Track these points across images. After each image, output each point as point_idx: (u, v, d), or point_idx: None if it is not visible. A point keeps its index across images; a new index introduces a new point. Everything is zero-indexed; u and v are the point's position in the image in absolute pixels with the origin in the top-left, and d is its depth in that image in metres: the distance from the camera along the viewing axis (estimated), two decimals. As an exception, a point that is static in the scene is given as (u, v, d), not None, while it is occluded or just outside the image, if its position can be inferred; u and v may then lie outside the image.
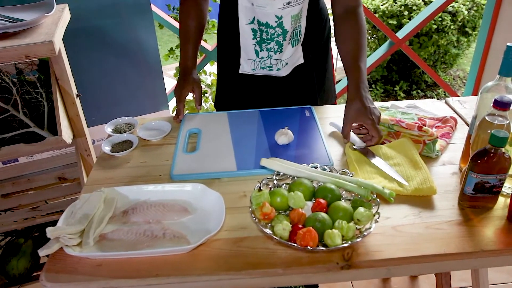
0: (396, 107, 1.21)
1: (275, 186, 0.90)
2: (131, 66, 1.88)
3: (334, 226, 0.76)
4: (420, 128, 1.03)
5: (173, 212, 0.86)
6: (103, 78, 1.85)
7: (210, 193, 0.88)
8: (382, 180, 0.93)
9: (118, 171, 1.02)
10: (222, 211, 0.83)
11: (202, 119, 1.23)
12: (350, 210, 0.80)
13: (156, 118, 1.23)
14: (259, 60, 1.19)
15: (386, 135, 1.09)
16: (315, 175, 0.89)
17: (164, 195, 0.90)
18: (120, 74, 1.87)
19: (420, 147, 1.03)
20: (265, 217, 0.79)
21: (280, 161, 0.92)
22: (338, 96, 2.67)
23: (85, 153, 1.53)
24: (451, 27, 3.33)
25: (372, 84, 3.87)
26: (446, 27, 3.32)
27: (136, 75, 1.91)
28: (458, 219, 0.83)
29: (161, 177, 0.99)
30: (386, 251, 0.76)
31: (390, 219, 0.84)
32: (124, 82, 1.90)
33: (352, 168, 0.98)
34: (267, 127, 1.15)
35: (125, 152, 1.07)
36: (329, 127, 1.17)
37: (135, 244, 0.78)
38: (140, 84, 1.94)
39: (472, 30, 3.43)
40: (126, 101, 1.95)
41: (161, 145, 1.13)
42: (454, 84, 3.89)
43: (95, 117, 1.87)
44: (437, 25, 3.31)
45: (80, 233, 0.79)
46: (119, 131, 1.17)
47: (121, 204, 0.89)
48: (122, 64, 1.86)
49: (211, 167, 1.00)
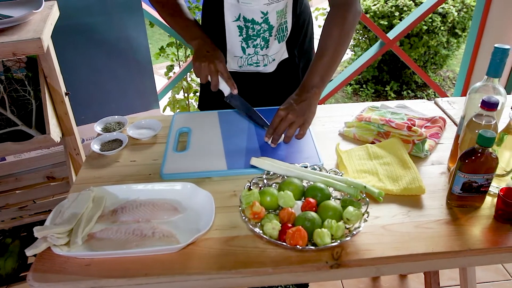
0: (386, 107, 1.22)
1: (265, 185, 0.90)
2: (121, 64, 1.87)
3: (323, 225, 0.77)
4: (410, 128, 1.04)
5: (163, 211, 0.85)
6: (92, 76, 1.83)
7: (200, 192, 0.88)
8: (372, 179, 0.94)
9: (107, 170, 1.02)
10: (212, 210, 0.83)
11: (192, 118, 1.22)
12: (340, 209, 0.80)
13: (147, 117, 1.23)
14: (246, 57, 1.20)
15: (376, 135, 1.10)
16: (305, 174, 0.89)
17: (153, 194, 0.90)
18: (110, 72, 1.86)
19: (410, 147, 1.04)
20: (255, 216, 0.79)
21: (270, 160, 0.93)
22: (327, 97, 2.68)
23: (74, 152, 1.52)
24: (441, 28, 3.37)
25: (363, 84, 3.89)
26: (436, 28, 3.35)
27: (126, 74, 1.90)
28: (446, 218, 0.84)
29: (150, 176, 0.98)
30: (375, 250, 0.76)
31: (379, 218, 0.84)
32: (114, 81, 1.89)
33: (342, 168, 0.98)
34: (258, 126, 1.15)
35: (114, 151, 1.07)
36: (319, 126, 1.18)
37: (124, 243, 0.78)
38: (130, 82, 1.93)
39: (462, 32, 3.47)
40: (116, 99, 1.93)
41: (151, 144, 1.12)
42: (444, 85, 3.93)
43: (84, 116, 1.86)
44: (428, 26, 3.34)
45: (68, 232, 0.79)
46: (109, 129, 1.17)
47: (110, 203, 0.88)
48: (112, 62, 1.84)
49: (201, 166, 0.99)
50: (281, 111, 1.01)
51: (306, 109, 1.02)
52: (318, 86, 1.05)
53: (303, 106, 1.02)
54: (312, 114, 1.04)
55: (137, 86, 1.95)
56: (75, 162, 1.53)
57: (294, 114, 1.00)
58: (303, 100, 1.02)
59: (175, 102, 2.65)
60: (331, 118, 1.23)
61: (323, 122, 1.21)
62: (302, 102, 1.02)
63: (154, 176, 0.99)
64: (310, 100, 1.03)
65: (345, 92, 3.96)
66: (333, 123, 1.20)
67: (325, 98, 2.69)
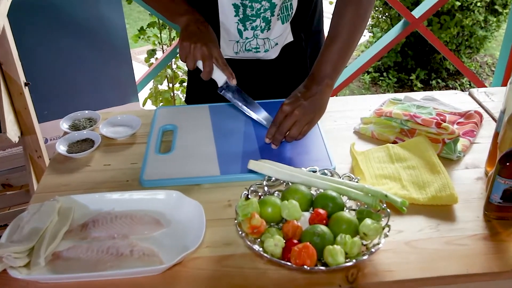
0: (411, 100, 1.22)
1: (266, 193, 0.90)
2: (92, 48, 1.87)
3: (335, 241, 0.77)
4: (439, 124, 1.04)
5: (143, 225, 0.85)
6: (57, 63, 1.83)
7: (188, 202, 0.88)
8: (394, 186, 0.94)
9: (76, 176, 1.02)
10: (202, 223, 0.83)
11: (178, 114, 1.22)
12: (355, 222, 0.80)
13: (123, 112, 1.23)
14: (243, 41, 1.20)
15: (399, 132, 1.11)
16: (314, 180, 0.89)
17: (132, 204, 0.90)
18: (79, 58, 1.86)
19: (439, 147, 1.04)
20: (254, 231, 0.79)
21: (272, 163, 0.93)
22: (340, 87, 2.69)
23: (35, 154, 1.52)
24: (478, 4, 3.38)
25: (384, 72, 3.90)
26: (472, 4, 3.37)
27: (99, 60, 1.90)
28: (483, 233, 0.84)
29: (128, 183, 0.99)
30: (398, 271, 0.77)
31: (402, 233, 0.84)
32: (84, 69, 1.89)
33: (358, 172, 0.99)
34: (257, 123, 1.15)
35: (84, 153, 1.07)
36: (330, 123, 1.18)
37: (97, 264, 0.78)
38: (103, 70, 1.93)
39: (502, 8, 3.48)
40: (86, 91, 1.94)
41: (128, 144, 1.12)
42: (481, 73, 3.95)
43: (47, 111, 1.86)
44: (461, 2, 3.35)
45: (28, 251, 0.79)
46: (78, 127, 1.17)
47: (80, 215, 0.88)
48: (82, 46, 1.85)
49: (189, 171, 1.00)
50: (286, 106, 1.01)
51: (316, 105, 1.03)
52: (331, 76, 1.05)
53: (313, 101, 1.02)
54: (322, 111, 1.05)
55: (111, 75, 1.95)
56: (37, 167, 1.53)
57: (301, 111, 1.00)
58: (312, 94, 1.03)
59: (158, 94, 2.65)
60: (345, 113, 1.23)
61: (335, 117, 1.21)
62: (312, 97, 1.02)
63: (132, 183, 0.99)
64: (321, 94, 1.03)
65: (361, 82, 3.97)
66: (347, 119, 1.21)
67: (338, 89, 2.70)
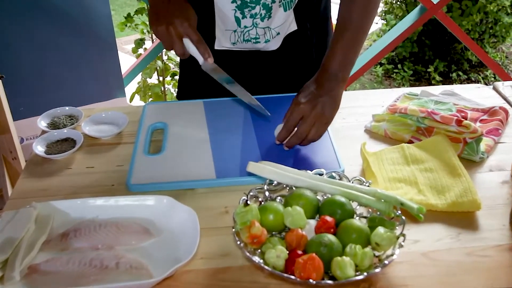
0: (428, 95, 1.22)
1: (267, 199, 0.90)
2: (74, 38, 1.87)
3: (345, 253, 0.77)
4: (460, 122, 1.04)
5: (130, 234, 0.85)
6: (35, 54, 1.84)
7: (180, 208, 0.88)
8: (409, 190, 0.94)
9: (55, 179, 1.02)
10: (195, 232, 0.83)
11: (169, 110, 1.22)
12: (366, 231, 0.80)
13: (108, 109, 1.23)
14: (241, 30, 1.20)
15: (415, 131, 1.11)
16: (320, 184, 0.89)
17: (118, 211, 0.90)
18: (59, 49, 1.86)
19: (460, 148, 1.04)
20: (254, 241, 0.79)
21: (273, 166, 0.93)
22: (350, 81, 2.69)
23: (10, 156, 1.52)
24: (503, -13, 3.38)
25: (398, 63, 3.90)
26: (497, -12, 3.37)
27: (81, 51, 1.90)
28: (509, 243, 0.84)
29: (114, 188, 0.98)
30: (414, 285, 0.76)
31: (419, 243, 0.84)
32: (64, 60, 1.89)
33: (369, 175, 0.99)
34: (257, 120, 1.15)
35: (65, 154, 1.07)
36: (339, 120, 1.18)
37: (78, 278, 0.78)
38: (86, 62, 1.93)
39: (531, -8, 3.48)
40: (67, 85, 1.94)
41: (114, 144, 1.12)
42: (507, 64, 3.95)
43: (23, 107, 1.86)
44: (484, -14, 3.36)
45: (1, 264, 0.78)
46: (57, 125, 1.17)
47: (59, 224, 0.88)
48: (62, 35, 1.85)
49: (181, 174, 0.99)
50: (304, 106, 1.01)
51: (333, 103, 1.03)
52: (344, 70, 1.06)
53: (330, 98, 1.03)
54: (336, 111, 1.06)
55: (95, 67, 1.95)
56: (12, 169, 1.53)
57: (318, 112, 1.01)
58: (328, 90, 1.03)
59: (147, 88, 2.65)
60: (355, 109, 1.23)
61: (344, 114, 1.21)
62: (328, 94, 1.03)
63: (118, 187, 0.99)
64: (337, 91, 1.05)
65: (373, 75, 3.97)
66: (358, 116, 1.21)
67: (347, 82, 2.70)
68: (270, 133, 1.08)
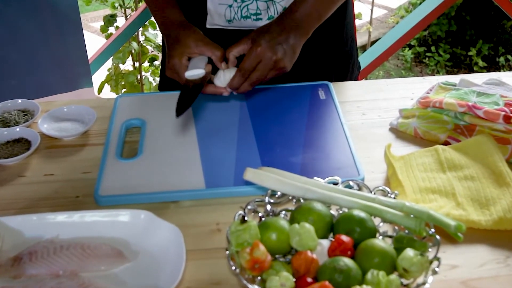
0: (469, 84, 1.22)
1: (269, 214, 0.90)
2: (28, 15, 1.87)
3: (365, 280, 0.77)
4: (508, 119, 1.04)
5: (99, 258, 0.85)
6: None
7: (161, 225, 0.88)
8: (445, 204, 0.94)
9: (5, 190, 1.02)
10: (180, 255, 0.83)
11: (147, 104, 1.23)
12: (392, 253, 0.80)
13: (71, 102, 1.23)
14: (238, 4, 1.20)
15: (452, 130, 1.11)
16: (335, 196, 0.89)
17: (84, 230, 0.90)
18: (10, 28, 1.86)
19: (508, 151, 1.05)
20: (255, 267, 0.79)
21: (276, 173, 0.93)
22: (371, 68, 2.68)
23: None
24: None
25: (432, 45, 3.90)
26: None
27: (38, 31, 1.90)
28: None
29: (79, 200, 0.99)
30: (451, 321, 0.77)
31: (457, 269, 0.84)
32: (16, 42, 1.89)
33: (396, 185, 0.99)
34: (256, 117, 1.15)
35: (17, 158, 1.07)
36: (357, 116, 1.18)
37: (35, 312, 0.78)
38: (44, 44, 1.93)
39: None
40: (20, 72, 1.94)
41: (79, 146, 1.13)
42: None
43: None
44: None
45: None
46: (8, 122, 1.17)
47: (10, 246, 0.88)
48: (14, 11, 1.85)
49: (162, 183, 1.00)
50: (264, 50, 1.04)
51: (292, 55, 1.08)
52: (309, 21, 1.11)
53: (289, 50, 1.07)
54: (295, 58, 1.10)
55: (55, 50, 1.95)
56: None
57: (278, 59, 1.05)
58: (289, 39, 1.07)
59: (119, 76, 2.65)
60: (377, 103, 1.24)
61: (363, 109, 1.22)
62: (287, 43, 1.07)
63: (84, 199, 0.99)
64: (298, 41, 1.10)
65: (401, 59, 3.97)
66: (381, 111, 1.21)
67: (367, 69, 2.70)
68: (271, 132, 1.08)
